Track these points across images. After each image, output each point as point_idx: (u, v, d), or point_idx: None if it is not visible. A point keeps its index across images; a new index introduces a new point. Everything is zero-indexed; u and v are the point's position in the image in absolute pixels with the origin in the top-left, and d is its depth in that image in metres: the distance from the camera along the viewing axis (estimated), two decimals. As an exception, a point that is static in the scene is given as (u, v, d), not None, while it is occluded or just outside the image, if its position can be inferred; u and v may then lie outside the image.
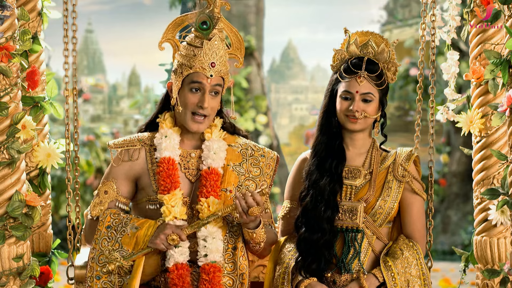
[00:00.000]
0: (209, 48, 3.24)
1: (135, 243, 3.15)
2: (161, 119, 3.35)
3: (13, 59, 3.18)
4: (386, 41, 3.35)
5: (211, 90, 3.26)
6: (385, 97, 3.36)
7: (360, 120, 3.33)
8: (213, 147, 3.30)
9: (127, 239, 3.16)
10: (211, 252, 3.21)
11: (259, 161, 3.39)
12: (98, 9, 18.27)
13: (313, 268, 3.30)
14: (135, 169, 3.32)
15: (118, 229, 3.19)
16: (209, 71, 3.24)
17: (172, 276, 3.18)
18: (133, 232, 3.16)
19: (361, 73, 3.32)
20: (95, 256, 3.18)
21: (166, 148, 3.28)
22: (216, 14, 3.24)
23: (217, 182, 3.26)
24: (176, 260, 3.20)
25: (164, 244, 3.14)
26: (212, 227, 3.22)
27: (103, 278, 3.17)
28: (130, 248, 3.15)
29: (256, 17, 11.45)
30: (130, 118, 14.08)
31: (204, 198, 3.23)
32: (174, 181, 3.24)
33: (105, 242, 3.17)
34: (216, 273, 3.20)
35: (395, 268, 3.28)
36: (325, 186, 3.32)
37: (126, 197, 3.31)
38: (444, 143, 10.98)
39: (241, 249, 3.29)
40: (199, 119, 3.27)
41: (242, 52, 3.39)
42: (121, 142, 3.36)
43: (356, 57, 3.35)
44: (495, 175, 3.35)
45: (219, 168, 3.29)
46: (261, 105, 10.97)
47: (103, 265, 3.16)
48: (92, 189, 10.16)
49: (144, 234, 3.16)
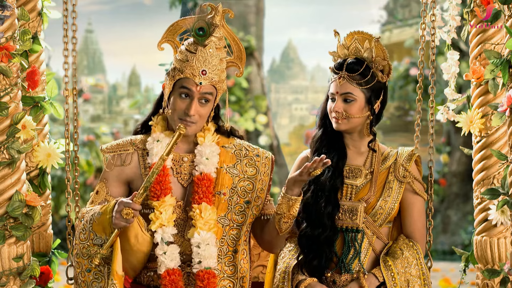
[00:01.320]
0: (202, 55, 3.20)
1: (103, 229, 3.15)
2: (154, 122, 3.33)
3: (13, 59, 3.18)
4: (369, 39, 3.34)
5: (200, 98, 3.22)
6: (374, 96, 3.35)
7: (343, 121, 3.33)
8: (205, 153, 3.28)
9: (97, 226, 3.16)
10: (205, 258, 3.19)
11: (254, 161, 3.37)
12: (98, 9, 18.28)
13: (314, 264, 3.31)
14: (127, 173, 3.31)
15: (89, 220, 3.19)
16: (199, 78, 3.19)
17: (164, 282, 3.18)
18: (98, 218, 3.16)
19: (341, 74, 3.33)
20: (79, 251, 3.19)
21: (158, 153, 3.25)
22: (216, 22, 3.20)
23: (210, 188, 3.24)
24: (167, 266, 3.19)
25: (122, 221, 3.10)
26: (205, 233, 3.20)
27: (93, 269, 3.19)
28: (102, 234, 3.16)
29: (256, 17, 11.45)
30: (130, 118, 14.09)
31: (196, 204, 3.22)
32: (164, 187, 3.22)
33: (82, 235, 3.18)
34: (211, 279, 3.18)
35: (395, 268, 3.28)
36: (325, 181, 3.32)
37: (116, 198, 3.30)
38: (444, 143, 10.98)
39: (242, 252, 3.28)
40: (187, 123, 3.24)
41: (243, 61, 3.34)
42: (114, 146, 3.35)
43: (343, 58, 3.36)
44: (495, 175, 3.35)
45: (211, 173, 3.27)
46: (261, 105, 10.97)
47: (88, 257, 3.17)
48: (92, 189, 10.17)
49: (108, 218, 3.14)
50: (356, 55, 3.35)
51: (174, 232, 3.22)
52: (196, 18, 3.22)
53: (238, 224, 3.30)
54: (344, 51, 3.37)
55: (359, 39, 3.34)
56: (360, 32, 3.35)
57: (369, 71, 3.32)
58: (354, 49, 3.35)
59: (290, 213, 3.17)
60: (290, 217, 3.18)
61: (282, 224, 3.20)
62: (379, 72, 3.33)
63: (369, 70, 3.32)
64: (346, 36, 3.37)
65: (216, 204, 3.26)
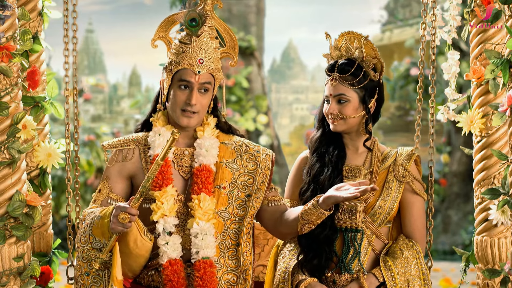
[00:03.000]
0: (197, 44, 3.25)
1: (102, 233, 3.15)
2: (155, 118, 3.36)
3: (13, 59, 3.18)
4: (358, 38, 3.34)
5: (199, 87, 3.26)
6: (368, 95, 3.35)
7: (339, 121, 3.34)
8: (204, 145, 3.31)
9: (96, 230, 3.16)
10: (202, 248, 3.20)
11: (255, 156, 3.39)
12: (98, 9, 18.28)
13: (314, 264, 3.31)
14: (129, 167, 3.33)
15: (89, 223, 3.19)
16: (197, 67, 3.24)
17: (166, 272, 3.19)
18: (97, 222, 3.16)
19: (333, 75, 3.34)
20: (79, 254, 3.20)
21: (160, 145, 3.28)
22: (207, 12, 3.26)
23: (209, 179, 3.27)
24: (169, 256, 3.20)
25: (119, 225, 3.09)
26: (204, 223, 3.22)
27: (91, 273, 3.19)
28: (101, 238, 3.15)
29: (256, 17, 11.46)
30: (131, 118, 14.09)
31: (195, 195, 3.24)
32: (166, 177, 3.24)
33: (82, 238, 3.19)
34: (208, 268, 3.19)
35: (395, 268, 3.28)
36: (325, 180, 3.32)
37: (119, 195, 3.31)
38: (445, 143, 10.98)
39: (244, 245, 3.29)
40: (189, 114, 3.27)
41: (236, 51, 3.39)
42: (115, 142, 3.37)
43: (336, 59, 3.37)
44: (496, 175, 3.35)
45: (211, 165, 3.30)
46: (262, 105, 10.98)
47: (87, 261, 3.17)
48: (92, 189, 10.17)
49: (106, 222, 3.14)
50: (348, 56, 3.35)
51: (175, 222, 3.23)
52: (187, 10, 3.28)
53: (240, 218, 3.31)
54: (337, 52, 3.37)
55: (349, 39, 3.35)
56: (350, 32, 3.36)
57: (361, 70, 3.33)
58: (346, 49, 3.35)
59: (317, 222, 3.21)
60: (315, 224, 3.22)
61: (306, 228, 3.23)
62: (371, 70, 3.34)
63: (360, 70, 3.33)
64: (338, 38, 3.38)
65: (216, 198, 3.28)
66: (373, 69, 3.34)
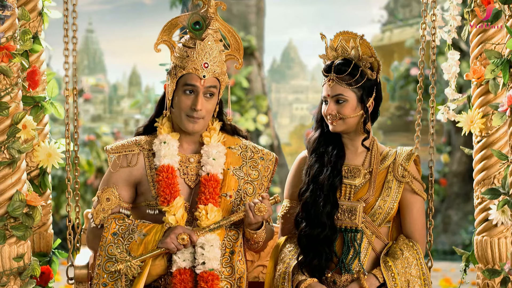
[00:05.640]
0: (201, 48, 3.21)
1: (143, 250, 3.13)
2: (159, 123, 3.33)
3: (13, 59, 3.18)
4: (354, 38, 3.34)
5: (205, 92, 3.22)
6: (366, 94, 3.34)
7: (338, 122, 3.34)
8: (212, 153, 3.27)
9: (135, 246, 3.14)
10: (209, 260, 3.18)
11: (257, 164, 3.37)
12: (98, 9, 18.27)
13: (314, 264, 3.31)
14: (135, 174, 3.30)
15: (125, 236, 3.16)
16: (202, 72, 3.20)
17: (175, 281, 3.17)
18: (141, 239, 3.14)
19: (330, 76, 3.33)
20: (101, 263, 3.15)
21: (165, 155, 3.25)
22: (210, 14, 3.21)
23: (216, 189, 3.24)
24: (179, 266, 3.18)
25: (174, 243, 3.11)
26: (210, 234, 3.20)
27: (109, 285, 3.14)
28: (136, 253, 3.13)
29: (256, 17, 11.45)
30: (131, 118, 14.08)
31: (202, 205, 3.22)
32: (174, 190, 3.22)
33: (111, 249, 3.14)
34: (214, 281, 3.17)
35: (395, 268, 3.28)
36: (324, 180, 3.32)
37: (128, 202, 3.29)
38: (445, 143, 10.98)
39: (238, 253, 3.27)
40: (194, 119, 3.24)
41: (241, 53, 3.35)
42: (119, 146, 3.33)
43: (332, 60, 3.36)
44: (496, 175, 3.35)
45: (218, 174, 3.27)
46: (262, 105, 10.97)
47: (109, 272, 3.13)
48: (92, 189, 10.17)
49: (152, 239, 3.13)
50: (344, 56, 3.35)
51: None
52: (190, 13, 3.24)
53: (236, 226, 3.30)
54: (333, 52, 3.37)
55: (344, 39, 3.35)
56: (345, 32, 3.36)
57: (358, 70, 3.32)
58: (342, 49, 3.35)
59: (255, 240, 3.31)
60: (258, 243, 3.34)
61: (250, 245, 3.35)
62: (368, 69, 3.33)
63: (357, 69, 3.32)
64: (333, 38, 3.37)
65: (221, 206, 3.26)
66: (370, 68, 3.34)
